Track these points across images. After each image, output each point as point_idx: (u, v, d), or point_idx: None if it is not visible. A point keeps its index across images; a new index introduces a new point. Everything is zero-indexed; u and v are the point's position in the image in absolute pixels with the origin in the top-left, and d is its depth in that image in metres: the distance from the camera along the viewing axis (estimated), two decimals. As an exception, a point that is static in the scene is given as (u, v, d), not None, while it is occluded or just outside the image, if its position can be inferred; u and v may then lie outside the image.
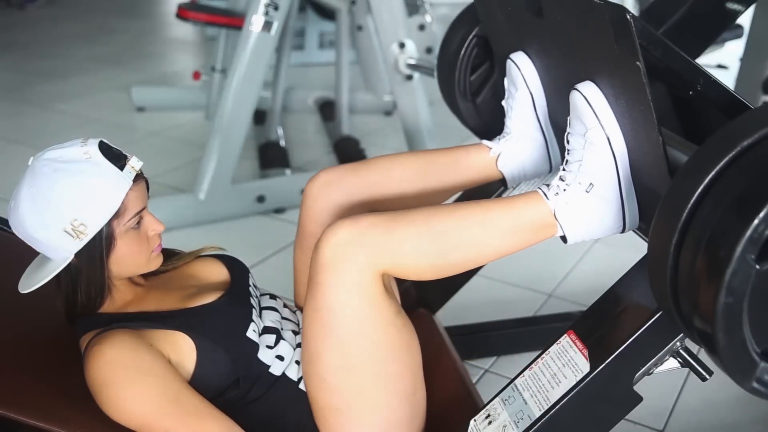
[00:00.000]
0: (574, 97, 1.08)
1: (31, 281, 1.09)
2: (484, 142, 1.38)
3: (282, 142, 3.31)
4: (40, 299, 1.11)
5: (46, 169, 1.05)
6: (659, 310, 1.00)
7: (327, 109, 3.74)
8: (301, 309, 1.32)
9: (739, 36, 3.17)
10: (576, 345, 1.08)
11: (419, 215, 1.10)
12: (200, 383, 1.10)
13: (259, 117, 3.44)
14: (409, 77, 2.76)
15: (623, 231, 1.13)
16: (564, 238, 1.12)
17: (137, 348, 1.05)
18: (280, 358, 1.19)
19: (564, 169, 1.12)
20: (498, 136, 1.38)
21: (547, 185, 1.12)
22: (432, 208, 1.13)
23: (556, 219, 1.10)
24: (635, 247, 1.51)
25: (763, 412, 1.73)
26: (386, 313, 1.10)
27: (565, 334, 1.11)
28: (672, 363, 1.04)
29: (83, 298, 1.11)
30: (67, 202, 1.04)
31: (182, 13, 3.19)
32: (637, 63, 0.95)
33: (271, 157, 3.13)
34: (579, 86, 1.08)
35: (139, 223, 1.11)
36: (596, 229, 1.11)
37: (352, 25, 3.56)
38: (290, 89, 3.79)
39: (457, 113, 1.63)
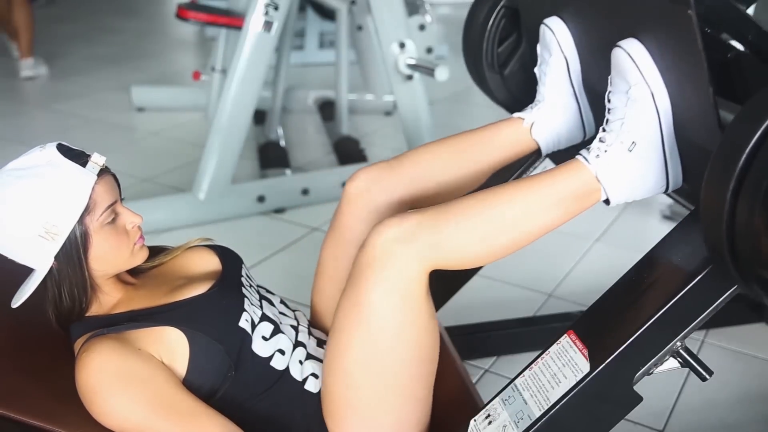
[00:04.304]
0: (617, 54, 1.08)
1: (21, 294, 1.09)
2: (515, 114, 1.37)
3: (282, 142, 3.31)
4: (40, 300, 1.11)
5: (8, 179, 1.04)
6: (659, 309, 1.01)
7: (327, 109, 3.74)
8: (309, 306, 1.30)
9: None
10: (576, 345, 1.08)
11: (464, 206, 1.10)
12: (196, 377, 1.09)
13: (259, 117, 3.43)
14: (409, 77, 2.76)
15: (667, 191, 1.12)
16: (607, 201, 1.11)
17: (124, 354, 1.04)
18: (281, 351, 1.18)
19: (604, 130, 1.11)
20: (529, 106, 1.37)
21: (587, 149, 1.12)
22: (474, 196, 1.13)
23: (599, 182, 1.09)
24: (635, 247, 1.51)
25: (763, 412, 1.73)
26: (423, 315, 1.11)
27: (565, 334, 1.11)
28: (672, 363, 1.04)
29: (68, 300, 1.10)
30: (35, 206, 1.03)
31: (182, 13, 3.19)
32: (689, 12, 0.93)
33: (271, 157, 3.13)
34: (621, 43, 1.07)
35: (114, 217, 1.10)
36: (640, 189, 1.10)
37: (352, 25, 3.56)
38: (290, 89, 3.79)
39: (484, 86, 1.62)
